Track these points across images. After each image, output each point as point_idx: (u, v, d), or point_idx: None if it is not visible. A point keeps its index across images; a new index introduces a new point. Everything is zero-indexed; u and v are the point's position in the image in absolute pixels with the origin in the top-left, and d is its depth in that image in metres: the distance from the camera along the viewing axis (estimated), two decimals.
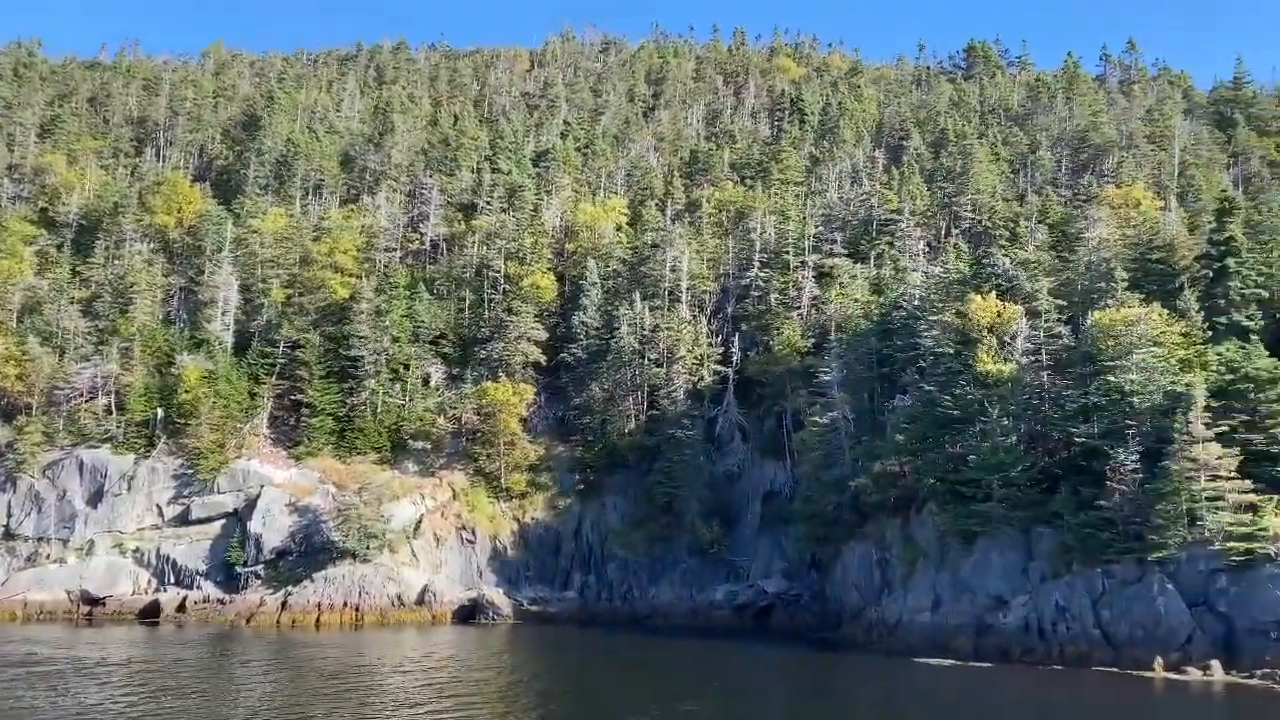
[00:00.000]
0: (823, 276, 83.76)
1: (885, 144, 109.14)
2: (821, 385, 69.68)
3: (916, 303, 70.84)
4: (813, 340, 77.06)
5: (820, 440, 68.34)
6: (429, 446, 77.36)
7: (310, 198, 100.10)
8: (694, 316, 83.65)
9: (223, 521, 70.61)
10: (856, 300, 77.79)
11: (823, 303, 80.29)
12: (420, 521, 71.57)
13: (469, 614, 67.20)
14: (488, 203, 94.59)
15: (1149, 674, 43.24)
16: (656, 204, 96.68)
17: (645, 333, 79.93)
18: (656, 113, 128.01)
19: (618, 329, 79.87)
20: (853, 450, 66.70)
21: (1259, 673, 41.65)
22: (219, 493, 71.34)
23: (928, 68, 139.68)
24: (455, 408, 78.83)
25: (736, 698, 39.72)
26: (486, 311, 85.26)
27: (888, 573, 60.67)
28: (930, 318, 66.99)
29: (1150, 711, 37.87)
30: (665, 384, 78.05)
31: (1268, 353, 51.62)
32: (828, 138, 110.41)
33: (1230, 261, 61.44)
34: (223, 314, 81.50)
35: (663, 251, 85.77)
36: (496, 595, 68.59)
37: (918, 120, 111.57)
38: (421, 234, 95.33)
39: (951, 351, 62.58)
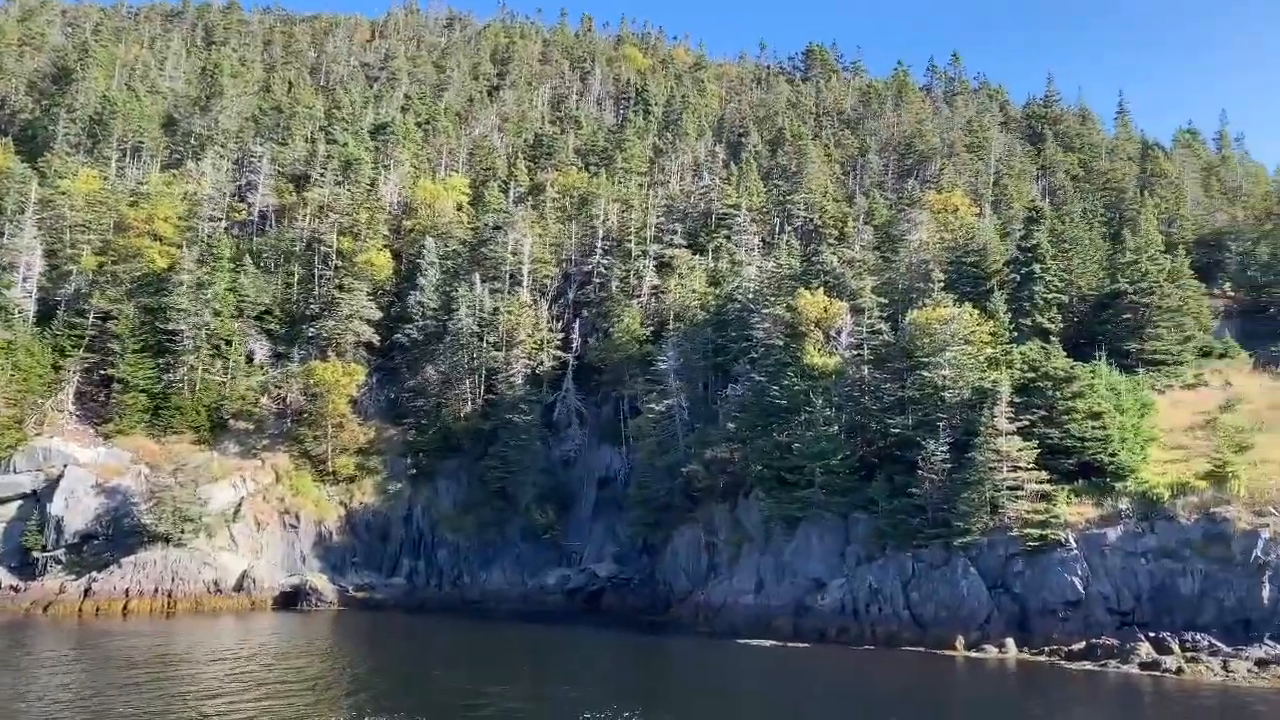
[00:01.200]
0: (663, 266, 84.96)
1: (726, 139, 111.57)
2: (658, 373, 70.80)
3: (750, 296, 72.97)
4: (651, 329, 78.13)
5: (656, 427, 69.46)
6: (251, 427, 74.05)
7: (128, 160, 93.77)
8: (535, 301, 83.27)
9: (19, 503, 65.39)
10: (694, 291, 79.33)
11: (662, 292, 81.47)
12: (240, 505, 68.43)
13: (291, 600, 64.89)
14: (321, 174, 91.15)
15: (951, 652, 46.15)
16: (499, 185, 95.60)
17: (484, 315, 79.02)
18: (501, 92, 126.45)
19: (456, 310, 78.63)
20: (686, 437, 68.12)
21: (1047, 649, 45.15)
22: (15, 472, 65.99)
23: (768, 67, 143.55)
24: (280, 387, 75.74)
25: (550, 680, 39.93)
26: (317, 288, 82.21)
27: (715, 556, 62.38)
28: (762, 310, 69.07)
29: (951, 687, 40.35)
30: (504, 368, 77.43)
31: (1065, 353, 55.78)
32: (671, 129, 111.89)
33: (1036, 267, 66.07)
34: (24, 280, 75.34)
35: (505, 233, 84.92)
36: (320, 581, 66.49)
37: (757, 118, 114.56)
38: (249, 204, 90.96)
39: (781, 344, 64.74)
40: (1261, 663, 40.14)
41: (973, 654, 45.83)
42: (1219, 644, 41.86)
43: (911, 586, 50.83)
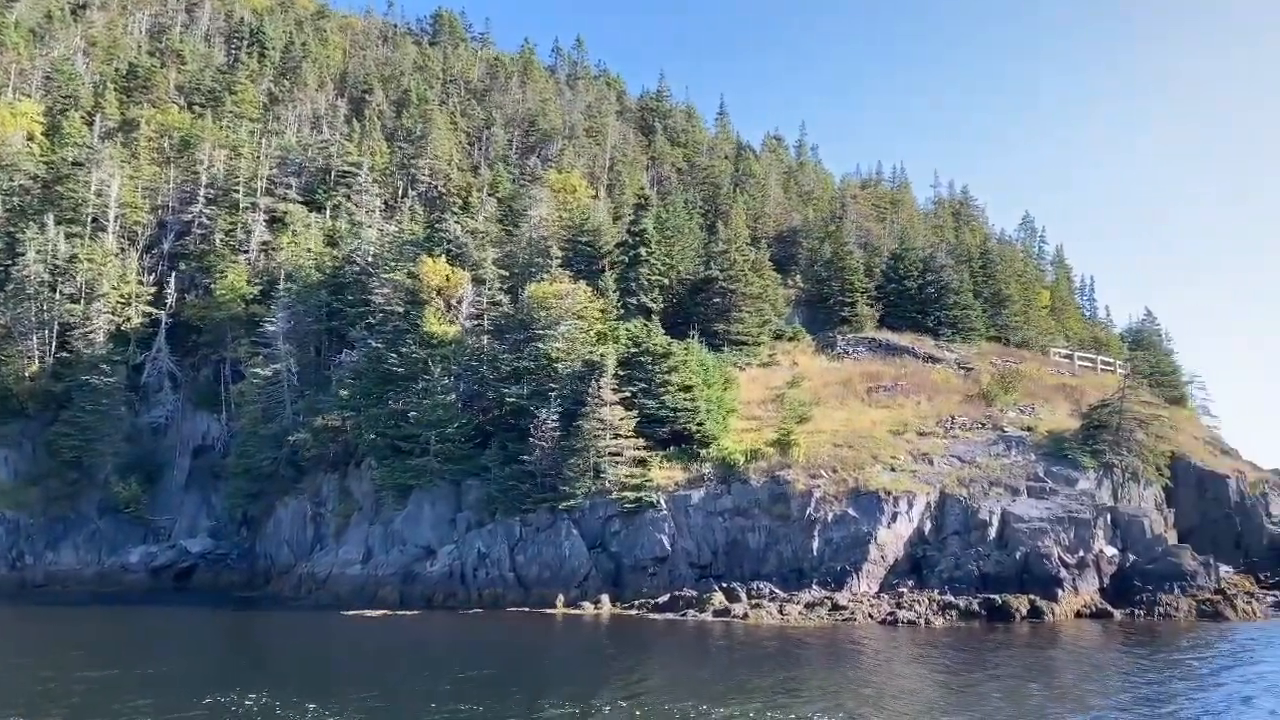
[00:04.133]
0: (275, 221, 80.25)
1: (349, 95, 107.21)
2: (267, 335, 66.98)
3: (370, 259, 71.18)
4: (260, 288, 73.56)
5: (261, 393, 65.79)
6: None
7: None
8: (123, 250, 75.08)
9: None
10: (309, 250, 75.84)
11: (273, 249, 77.01)
12: None
13: None
14: None
15: (552, 610, 48.69)
16: (83, 117, 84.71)
17: (59, 263, 69.89)
18: (89, 12, 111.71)
19: (22, 255, 68.84)
20: (295, 404, 65.23)
21: (637, 603, 49.12)
22: None
23: (396, 26, 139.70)
24: None
25: (126, 661, 36.72)
26: None
27: (321, 528, 60.60)
28: (383, 275, 67.70)
29: (545, 641, 42.45)
30: (82, 323, 69.08)
31: (664, 331, 60.56)
32: (289, 77, 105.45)
33: (643, 251, 70.84)
34: None
35: (88, 171, 75.54)
36: None
37: (382, 77, 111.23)
38: None
39: (401, 310, 63.97)
40: (810, 605, 46.65)
41: (571, 610, 48.69)
42: (778, 590, 48.02)
43: (518, 550, 52.83)
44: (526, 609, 49.17)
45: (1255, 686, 30.71)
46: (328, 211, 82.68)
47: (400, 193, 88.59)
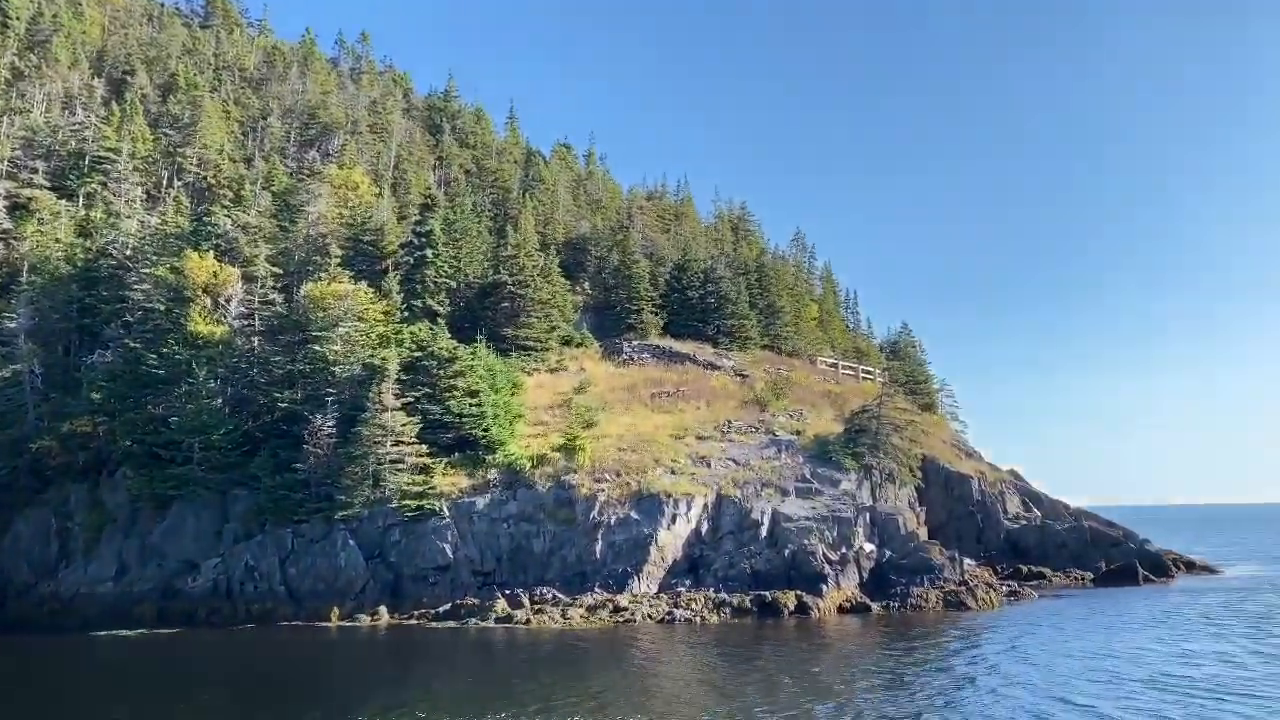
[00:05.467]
0: (18, 208, 72.94)
1: (109, 75, 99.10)
2: (6, 333, 60.82)
3: (129, 252, 66.11)
4: None
5: None
6: None
7: None
8: None
9: None
10: (59, 241, 69.42)
11: (15, 238, 69.93)
12: None
13: None
14: None
15: (326, 624, 46.90)
16: None
17: None
18: None
19: None
20: (39, 408, 59.50)
21: (417, 613, 48.11)
22: None
23: (163, 5, 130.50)
24: None
25: None
26: None
27: (69, 542, 55.59)
28: (142, 270, 63.01)
29: (314, 652, 40.72)
30: None
31: (450, 335, 59.67)
32: (38, 51, 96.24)
33: (429, 252, 69.58)
34: None
35: None
36: None
37: (146, 59, 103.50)
38: None
39: (162, 308, 59.76)
40: (592, 608, 47.25)
41: (346, 623, 47.09)
42: (560, 595, 48.34)
43: (290, 562, 50.55)
44: (299, 622, 47.13)
45: (979, 668, 34.13)
46: (80, 199, 76.05)
47: (165, 183, 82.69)
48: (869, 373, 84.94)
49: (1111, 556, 65.74)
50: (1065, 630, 42.84)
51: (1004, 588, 56.44)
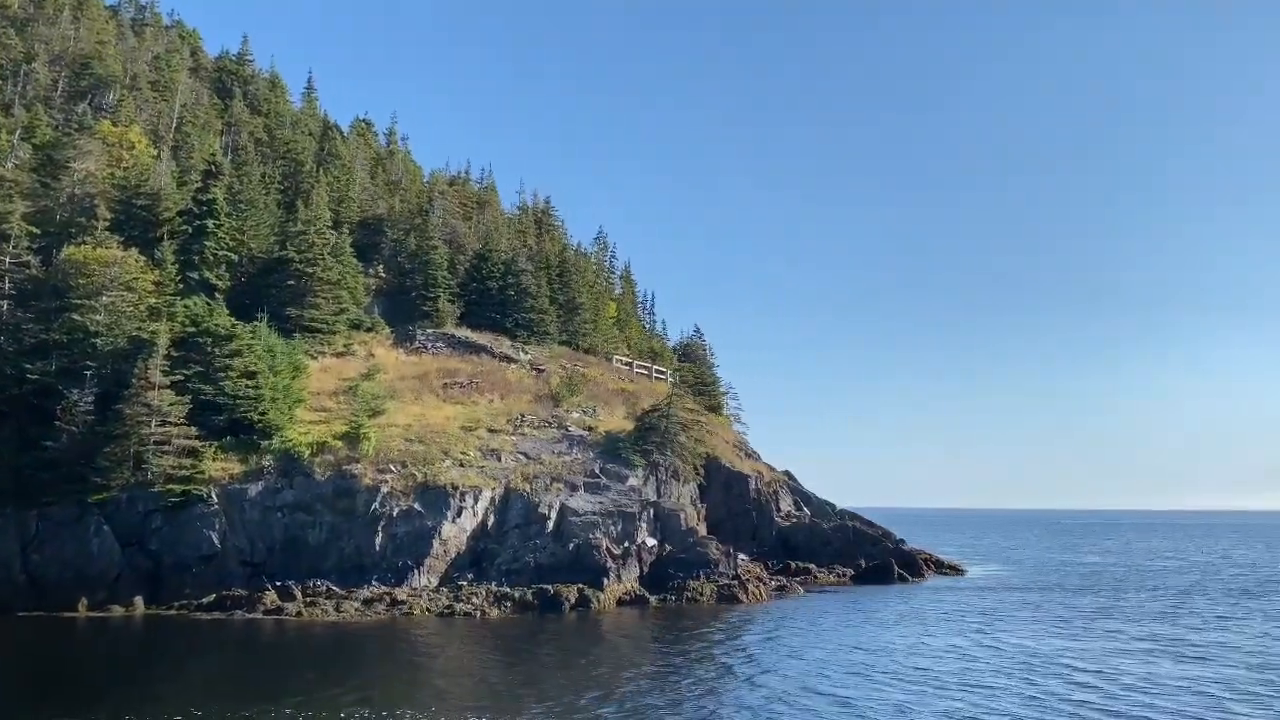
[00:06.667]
0: None
1: None
2: None
3: None
4: None
5: None
6: None
7: None
8: None
9: None
10: None
11: None
12: None
13: None
14: None
15: (73, 614, 43.41)
16: None
17: None
18: None
19: None
20: None
21: (178, 603, 45.32)
22: None
23: None
24: None
25: None
26: None
27: None
28: None
29: (54, 647, 37.52)
30: None
31: (229, 311, 56.44)
32: None
33: (210, 222, 65.38)
34: None
35: None
36: None
37: None
38: None
39: None
40: (368, 601, 46.06)
41: (97, 614, 43.83)
42: (335, 588, 46.84)
43: (33, 548, 46.51)
44: (41, 613, 43.38)
45: (738, 658, 35.92)
46: None
47: None
48: (661, 373, 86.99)
49: (871, 554, 70.42)
50: (821, 624, 45.54)
51: (773, 583, 59.37)
